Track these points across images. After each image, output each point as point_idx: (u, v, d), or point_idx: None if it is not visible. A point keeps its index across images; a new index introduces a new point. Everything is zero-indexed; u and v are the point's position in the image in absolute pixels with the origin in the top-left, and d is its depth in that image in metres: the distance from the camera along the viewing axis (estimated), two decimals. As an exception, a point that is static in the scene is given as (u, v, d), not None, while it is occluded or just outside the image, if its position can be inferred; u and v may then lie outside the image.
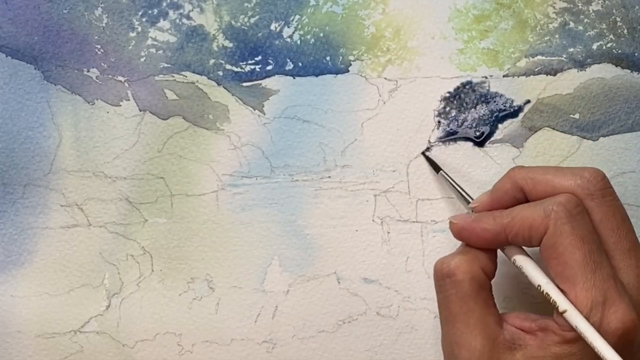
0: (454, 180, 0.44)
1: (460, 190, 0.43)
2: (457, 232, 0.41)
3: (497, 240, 0.39)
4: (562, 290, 0.37)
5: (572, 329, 0.36)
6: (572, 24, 0.46)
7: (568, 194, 0.38)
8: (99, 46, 0.46)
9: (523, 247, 0.40)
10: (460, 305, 0.38)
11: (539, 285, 0.38)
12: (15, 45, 0.46)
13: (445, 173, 0.45)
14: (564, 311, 0.36)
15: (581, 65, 0.46)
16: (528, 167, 0.41)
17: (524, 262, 0.39)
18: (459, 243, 0.41)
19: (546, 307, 0.38)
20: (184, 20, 0.46)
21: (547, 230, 0.37)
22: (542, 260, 0.38)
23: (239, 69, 0.46)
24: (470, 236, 0.40)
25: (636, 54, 0.46)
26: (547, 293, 0.38)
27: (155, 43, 0.46)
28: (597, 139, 0.46)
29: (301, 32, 0.46)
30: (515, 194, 0.40)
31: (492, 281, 0.40)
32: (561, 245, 0.37)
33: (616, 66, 0.46)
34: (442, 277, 0.39)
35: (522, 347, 0.38)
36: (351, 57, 0.46)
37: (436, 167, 0.45)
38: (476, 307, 0.38)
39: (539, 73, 0.46)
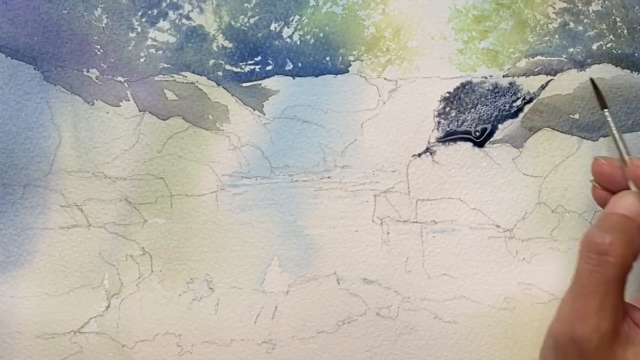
0: (617, 128, 0.42)
1: (620, 140, 0.42)
2: (600, 173, 0.41)
3: (628, 213, 0.39)
4: None
5: None
6: (572, 24, 0.46)
7: None
8: (98, 46, 0.46)
9: None
10: (601, 285, 0.37)
11: None
12: (15, 45, 0.46)
13: (609, 115, 0.43)
14: None
15: (581, 65, 0.46)
16: None
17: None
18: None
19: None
20: (184, 21, 0.46)
21: None
22: None
23: (238, 70, 0.46)
24: (609, 183, 0.40)
25: (636, 54, 0.46)
26: None
27: (155, 43, 0.46)
28: (597, 139, 0.46)
29: (301, 33, 0.46)
30: None
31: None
32: None
33: (616, 66, 0.45)
34: (594, 252, 0.37)
35: (636, 344, 0.37)
36: (351, 58, 0.46)
37: (603, 103, 0.43)
38: (615, 293, 0.37)
39: (538, 73, 0.46)
